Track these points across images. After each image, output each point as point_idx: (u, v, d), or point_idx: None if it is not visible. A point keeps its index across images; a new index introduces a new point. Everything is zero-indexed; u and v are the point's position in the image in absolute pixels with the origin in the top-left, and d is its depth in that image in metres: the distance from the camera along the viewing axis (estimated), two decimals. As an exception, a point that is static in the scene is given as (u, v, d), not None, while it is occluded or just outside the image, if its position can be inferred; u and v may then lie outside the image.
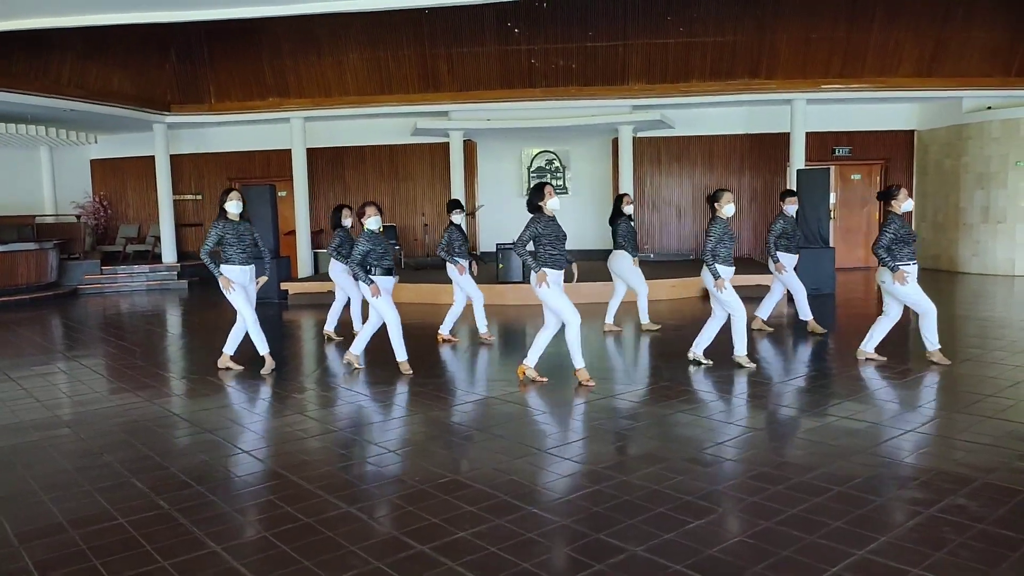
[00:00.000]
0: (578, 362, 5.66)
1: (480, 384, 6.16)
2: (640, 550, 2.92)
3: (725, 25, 12.55)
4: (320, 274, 13.50)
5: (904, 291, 5.89)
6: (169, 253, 14.46)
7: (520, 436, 4.58)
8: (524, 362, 5.85)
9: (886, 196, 6.14)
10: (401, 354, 6.22)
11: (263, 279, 6.68)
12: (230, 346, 6.56)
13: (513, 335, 8.33)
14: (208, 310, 11.25)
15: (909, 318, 6.70)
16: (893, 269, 5.82)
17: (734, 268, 6.20)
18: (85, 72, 12.53)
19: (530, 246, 5.62)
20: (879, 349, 6.27)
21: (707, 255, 6.06)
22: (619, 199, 8.10)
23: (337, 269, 7.83)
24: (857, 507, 3.26)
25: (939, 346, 6.08)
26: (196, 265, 14.51)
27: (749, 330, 6.67)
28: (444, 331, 7.72)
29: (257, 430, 4.87)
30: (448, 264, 7.64)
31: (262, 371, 6.34)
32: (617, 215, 7.96)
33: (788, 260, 7.70)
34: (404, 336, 6.23)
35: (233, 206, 6.36)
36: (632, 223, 8.01)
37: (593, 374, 5.78)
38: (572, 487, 3.65)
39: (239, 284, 6.32)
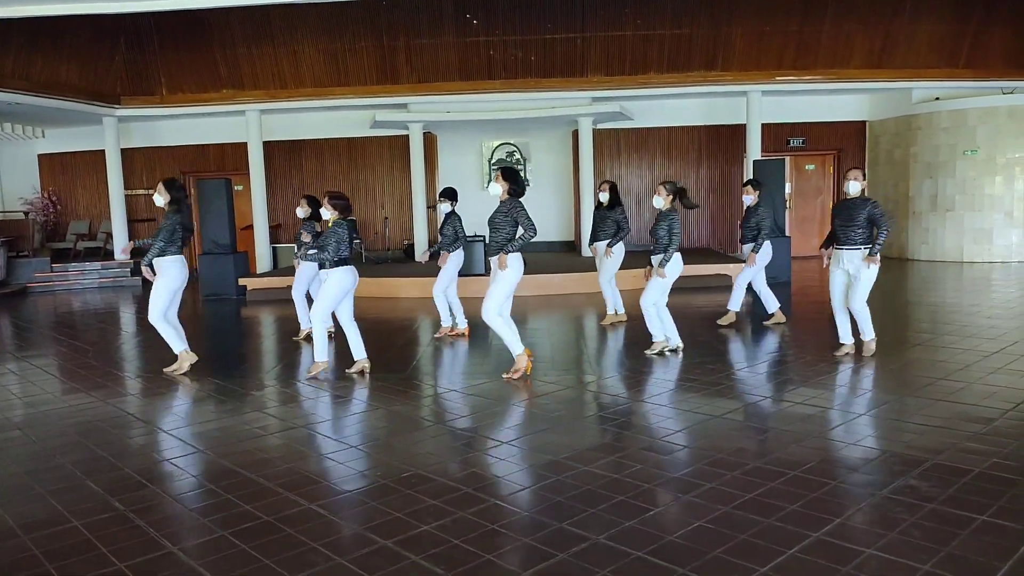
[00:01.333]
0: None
1: (444, 378, 6.15)
2: (602, 538, 2.95)
3: (681, 18, 12.67)
4: (280, 269, 13.33)
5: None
6: (121, 249, 14.11)
7: (482, 428, 4.58)
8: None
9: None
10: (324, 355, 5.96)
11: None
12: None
13: (477, 328, 8.31)
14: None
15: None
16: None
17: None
18: (30, 64, 12.13)
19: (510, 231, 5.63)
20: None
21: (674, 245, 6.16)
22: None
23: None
24: (811, 490, 3.34)
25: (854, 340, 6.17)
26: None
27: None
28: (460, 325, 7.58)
29: (214, 428, 4.79)
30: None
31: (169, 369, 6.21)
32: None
33: (746, 250, 7.82)
34: (367, 331, 6.17)
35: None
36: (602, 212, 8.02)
37: (556, 365, 5.80)
38: (534, 478, 3.67)
39: None
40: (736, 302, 7.70)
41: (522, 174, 14.88)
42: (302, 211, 7.66)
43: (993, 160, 12.52)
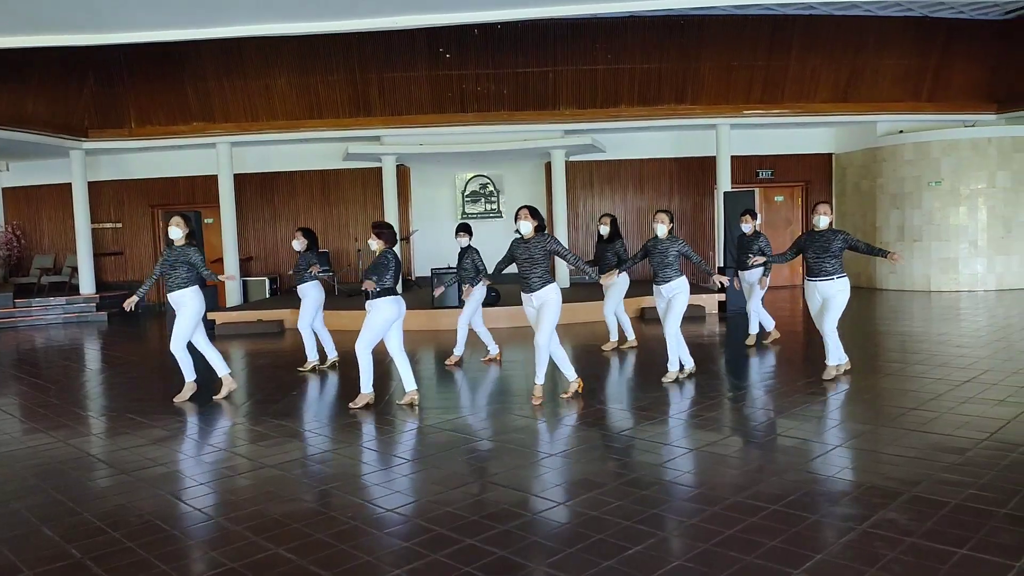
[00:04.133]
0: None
1: (417, 411, 6.04)
2: (580, 580, 2.87)
3: (651, 53, 12.88)
4: (250, 303, 13.14)
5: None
6: (87, 284, 13.83)
7: (456, 465, 4.49)
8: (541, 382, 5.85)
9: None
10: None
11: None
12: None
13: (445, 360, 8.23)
14: (128, 343, 10.81)
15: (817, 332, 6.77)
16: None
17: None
18: (-5, 96, 11.97)
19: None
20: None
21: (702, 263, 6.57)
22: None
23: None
24: (792, 525, 3.29)
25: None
26: (116, 295, 13.94)
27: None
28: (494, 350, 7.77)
29: (180, 469, 4.64)
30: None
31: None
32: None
33: (749, 277, 8.16)
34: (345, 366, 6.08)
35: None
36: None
37: (553, 396, 5.74)
38: (509, 516, 3.58)
39: None
40: (768, 322, 8.19)
41: (494, 206, 14.92)
42: (299, 244, 7.70)
43: (957, 191, 12.79)
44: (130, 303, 6.33)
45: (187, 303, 6.32)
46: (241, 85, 13.17)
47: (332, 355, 7.75)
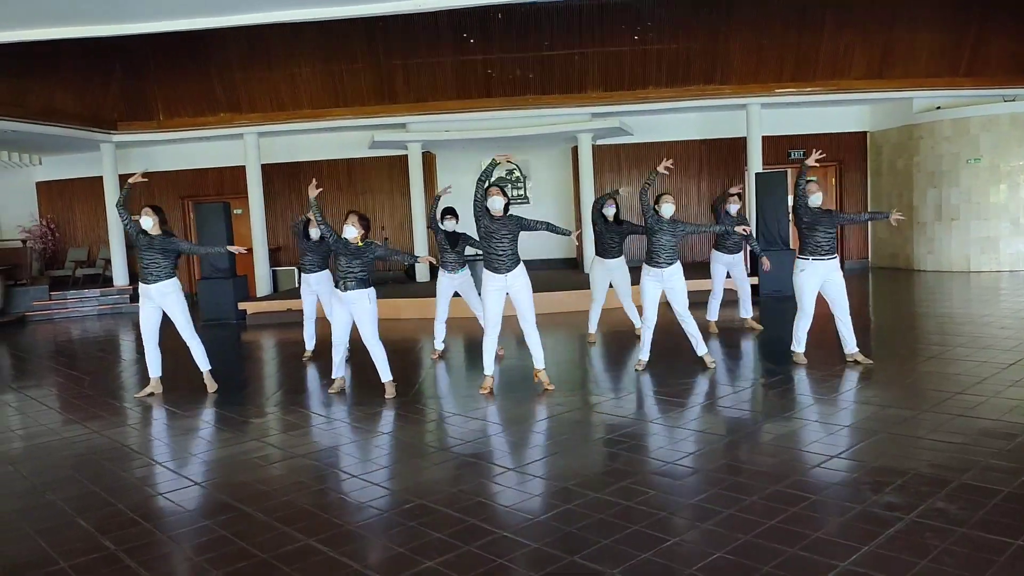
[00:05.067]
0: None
1: (449, 402, 6.00)
2: (617, 572, 2.79)
3: (679, 32, 12.62)
4: (280, 292, 13.20)
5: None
6: (120, 276, 13.99)
7: (488, 454, 4.43)
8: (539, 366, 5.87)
9: None
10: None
11: None
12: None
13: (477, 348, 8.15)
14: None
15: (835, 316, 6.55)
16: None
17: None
18: (26, 91, 12.08)
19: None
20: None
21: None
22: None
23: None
24: (837, 515, 3.18)
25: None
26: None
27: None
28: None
29: (211, 459, 4.64)
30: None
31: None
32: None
33: (724, 259, 7.90)
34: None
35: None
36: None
37: (557, 384, 5.66)
38: (543, 507, 3.51)
39: None
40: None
41: (520, 191, 14.81)
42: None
43: (997, 168, 12.41)
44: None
45: (175, 293, 6.28)
46: (266, 75, 13.16)
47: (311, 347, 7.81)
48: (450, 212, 7.49)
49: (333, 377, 6.13)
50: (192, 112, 13.65)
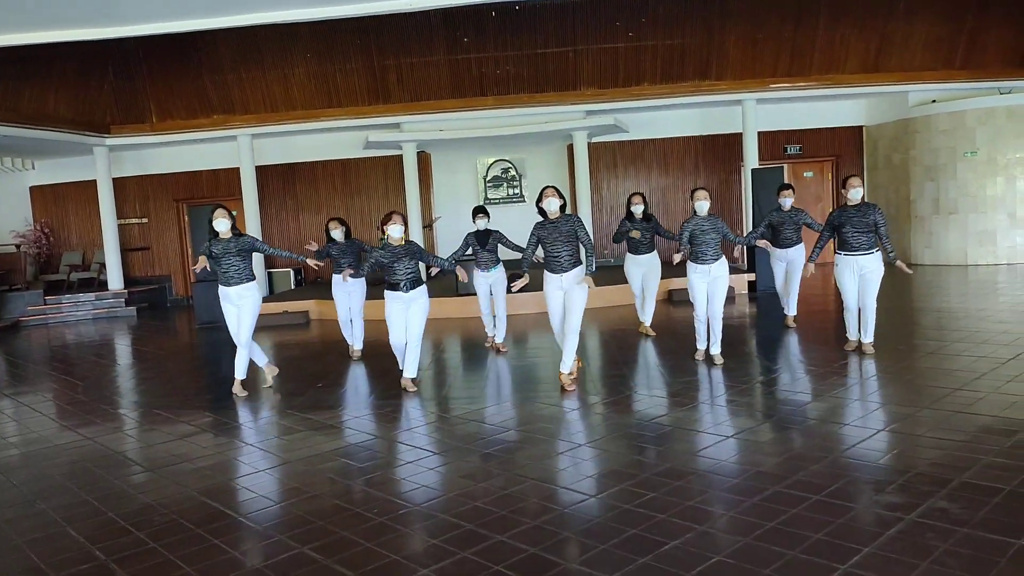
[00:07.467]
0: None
1: (439, 403, 5.95)
2: (615, 578, 2.75)
3: (673, 28, 12.56)
4: (276, 294, 13.15)
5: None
6: (116, 280, 13.93)
7: (483, 457, 4.39)
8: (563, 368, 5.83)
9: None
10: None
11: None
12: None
13: (479, 350, 8.13)
14: (158, 337, 10.86)
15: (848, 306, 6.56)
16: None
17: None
18: (17, 95, 12.00)
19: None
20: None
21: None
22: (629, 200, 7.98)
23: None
24: (836, 516, 3.14)
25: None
26: (144, 291, 14.06)
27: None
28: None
29: (205, 466, 4.59)
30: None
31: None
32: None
33: (781, 253, 7.89)
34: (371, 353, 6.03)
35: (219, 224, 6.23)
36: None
37: (554, 385, 5.62)
38: (539, 511, 3.47)
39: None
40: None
41: (516, 190, 14.76)
42: (339, 233, 7.73)
43: (994, 161, 12.38)
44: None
45: (254, 295, 6.41)
46: (259, 76, 13.10)
47: (358, 347, 7.71)
48: (481, 211, 7.56)
49: (411, 377, 6.08)
50: (185, 114, 13.58)
